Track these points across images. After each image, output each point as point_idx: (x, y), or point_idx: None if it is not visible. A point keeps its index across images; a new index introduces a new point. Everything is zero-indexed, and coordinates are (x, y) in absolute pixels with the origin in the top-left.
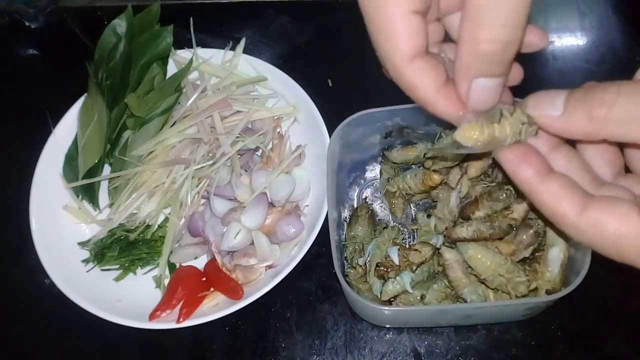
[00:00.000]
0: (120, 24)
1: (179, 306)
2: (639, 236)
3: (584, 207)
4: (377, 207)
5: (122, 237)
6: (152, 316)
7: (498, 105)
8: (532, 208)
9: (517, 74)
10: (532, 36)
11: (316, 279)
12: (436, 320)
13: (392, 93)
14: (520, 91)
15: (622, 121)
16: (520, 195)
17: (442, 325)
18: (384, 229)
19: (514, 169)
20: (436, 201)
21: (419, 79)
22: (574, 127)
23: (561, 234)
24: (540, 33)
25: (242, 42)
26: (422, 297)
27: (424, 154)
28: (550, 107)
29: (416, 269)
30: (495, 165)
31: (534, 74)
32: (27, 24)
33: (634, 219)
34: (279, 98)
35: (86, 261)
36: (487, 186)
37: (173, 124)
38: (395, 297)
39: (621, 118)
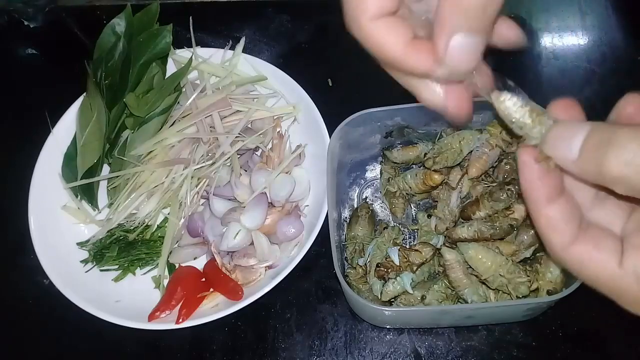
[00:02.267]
0: (119, 23)
1: (178, 307)
2: (614, 280)
3: (571, 242)
4: (378, 207)
5: (121, 238)
6: (151, 317)
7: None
8: None
9: (511, 35)
10: (507, 30)
11: (316, 280)
12: (437, 321)
13: (393, 93)
14: (523, 89)
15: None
16: (521, 195)
17: (443, 326)
18: (384, 229)
19: (528, 183)
20: (437, 201)
21: (385, 36)
22: (586, 176)
23: None
24: (516, 29)
25: (242, 41)
26: (423, 297)
27: (425, 154)
28: (566, 149)
29: (417, 269)
30: (498, 165)
31: (535, 73)
32: (25, 23)
33: (611, 266)
34: (279, 98)
35: (85, 261)
36: (488, 186)
37: (172, 124)
38: (395, 297)
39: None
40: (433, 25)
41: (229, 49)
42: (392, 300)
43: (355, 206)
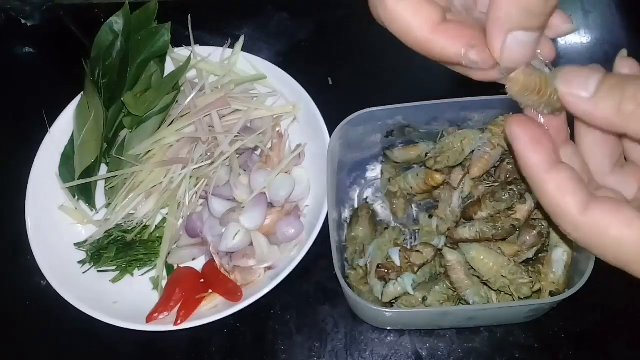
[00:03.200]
0: (117, 22)
1: (176, 308)
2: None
3: (587, 205)
4: (378, 207)
5: (119, 238)
6: (150, 318)
7: (535, 62)
8: (538, 207)
9: (561, 24)
10: (556, 19)
11: (316, 281)
12: (438, 322)
13: (393, 92)
14: None
15: None
16: (525, 191)
17: (444, 327)
18: (385, 229)
19: (524, 150)
20: (438, 201)
21: (411, 17)
22: (599, 114)
23: (564, 236)
24: (566, 17)
25: (241, 39)
26: (424, 299)
27: (426, 153)
28: (581, 87)
29: (418, 270)
30: (500, 165)
31: None
32: (23, 21)
33: (637, 225)
34: (279, 97)
35: (83, 262)
36: (490, 186)
37: (171, 123)
38: (396, 298)
39: None
40: (467, 13)
41: (228, 48)
42: (393, 301)
43: (356, 206)
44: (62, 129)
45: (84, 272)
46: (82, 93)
